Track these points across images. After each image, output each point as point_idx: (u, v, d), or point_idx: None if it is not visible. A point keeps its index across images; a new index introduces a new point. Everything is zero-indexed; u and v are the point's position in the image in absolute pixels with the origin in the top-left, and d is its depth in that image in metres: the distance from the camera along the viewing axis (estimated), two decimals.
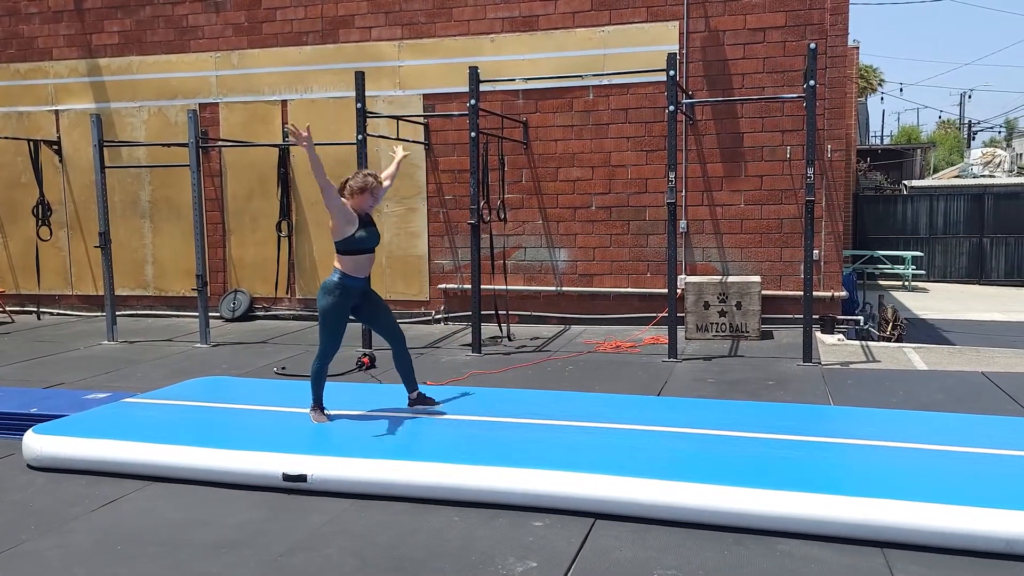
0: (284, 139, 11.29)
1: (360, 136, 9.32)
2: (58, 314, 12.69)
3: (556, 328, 10.62)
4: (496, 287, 10.36)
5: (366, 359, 8.36)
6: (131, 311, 12.27)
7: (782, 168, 10.13)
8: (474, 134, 8.96)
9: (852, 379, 7.59)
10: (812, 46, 8.11)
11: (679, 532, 4.24)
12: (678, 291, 9.22)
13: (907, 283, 20.19)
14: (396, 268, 11.36)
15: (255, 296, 11.91)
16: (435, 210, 11.17)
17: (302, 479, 4.87)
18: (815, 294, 8.96)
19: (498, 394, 6.75)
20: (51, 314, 12.71)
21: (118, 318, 10.75)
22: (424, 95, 11.05)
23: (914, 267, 20.48)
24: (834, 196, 10.06)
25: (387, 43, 11.13)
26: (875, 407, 6.31)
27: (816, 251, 9.51)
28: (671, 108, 8.37)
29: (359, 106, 9.31)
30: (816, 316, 9.16)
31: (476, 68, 9.06)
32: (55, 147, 12.39)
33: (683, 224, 10.33)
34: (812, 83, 8.03)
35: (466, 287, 10.47)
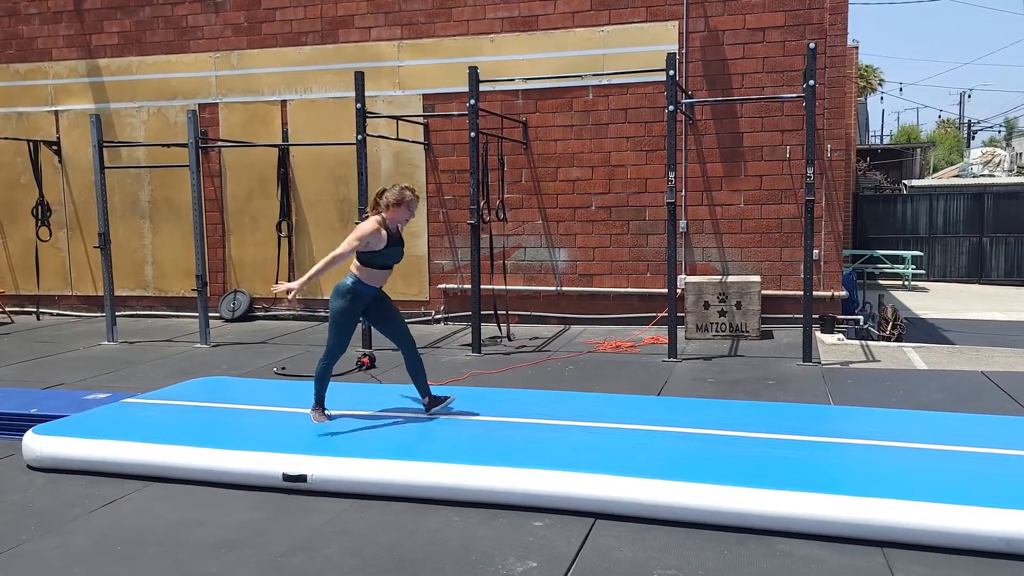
0: (284, 139, 11.28)
1: (360, 136, 9.32)
2: (58, 314, 12.68)
3: (556, 328, 10.62)
4: (496, 287, 10.35)
5: (366, 359, 8.38)
6: (131, 311, 12.27)
7: (782, 168, 10.13)
8: (474, 134, 8.96)
9: (852, 379, 7.59)
10: (811, 46, 8.11)
11: (679, 532, 4.24)
12: (678, 291, 9.22)
13: (907, 283, 20.17)
14: (396, 268, 11.27)
15: (255, 296, 11.90)
16: (435, 210, 11.17)
17: (302, 479, 4.87)
18: (815, 294, 8.96)
19: (498, 394, 6.76)
20: (51, 314, 12.71)
21: (118, 318, 10.75)
22: (424, 95, 11.04)
23: (914, 267, 20.47)
24: (834, 196, 10.07)
25: (387, 43, 11.13)
26: (875, 407, 6.31)
27: (816, 251, 9.50)
28: (671, 108, 8.37)
29: (359, 106, 9.31)
30: (816, 316, 9.16)
31: (476, 68, 9.06)
32: (55, 148, 12.38)
33: (683, 224, 10.33)
34: (812, 83, 8.03)
35: (466, 287, 10.47)
